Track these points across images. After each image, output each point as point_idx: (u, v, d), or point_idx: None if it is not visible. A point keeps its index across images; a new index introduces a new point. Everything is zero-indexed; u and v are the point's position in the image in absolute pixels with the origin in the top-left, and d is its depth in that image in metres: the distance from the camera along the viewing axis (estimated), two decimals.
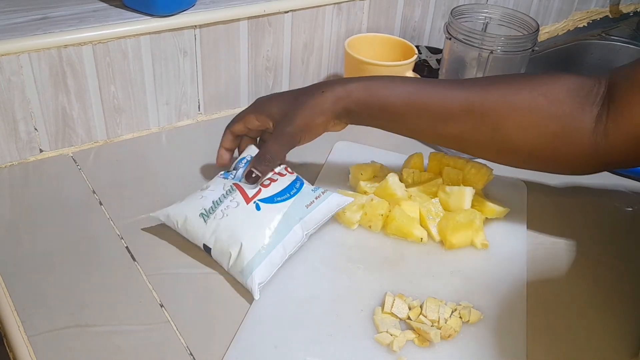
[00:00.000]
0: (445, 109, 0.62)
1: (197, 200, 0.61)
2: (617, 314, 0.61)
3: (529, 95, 0.60)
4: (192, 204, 0.61)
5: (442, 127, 0.63)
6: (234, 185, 0.62)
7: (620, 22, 1.40)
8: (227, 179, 0.65)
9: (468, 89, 0.62)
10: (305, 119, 0.64)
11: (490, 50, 0.74)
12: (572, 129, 0.59)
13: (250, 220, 0.59)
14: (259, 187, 0.62)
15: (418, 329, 0.55)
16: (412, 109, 0.62)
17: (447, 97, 0.62)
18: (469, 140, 0.63)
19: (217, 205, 0.60)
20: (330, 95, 0.63)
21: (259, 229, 0.59)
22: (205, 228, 0.59)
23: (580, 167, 0.63)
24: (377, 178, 0.72)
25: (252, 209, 0.60)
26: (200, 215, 0.60)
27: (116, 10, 0.75)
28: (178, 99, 0.82)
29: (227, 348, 0.53)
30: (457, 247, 0.66)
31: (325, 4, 0.87)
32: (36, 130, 0.73)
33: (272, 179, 0.63)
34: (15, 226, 0.65)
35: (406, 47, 0.87)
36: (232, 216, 0.59)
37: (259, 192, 0.61)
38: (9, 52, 0.67)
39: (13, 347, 0.52)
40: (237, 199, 0.60)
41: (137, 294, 0.58)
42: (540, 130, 0.60)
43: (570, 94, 0.59)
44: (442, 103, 0.62)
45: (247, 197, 0.60)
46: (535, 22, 0.77)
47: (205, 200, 0.61)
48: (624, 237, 0.71)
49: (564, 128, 0.59)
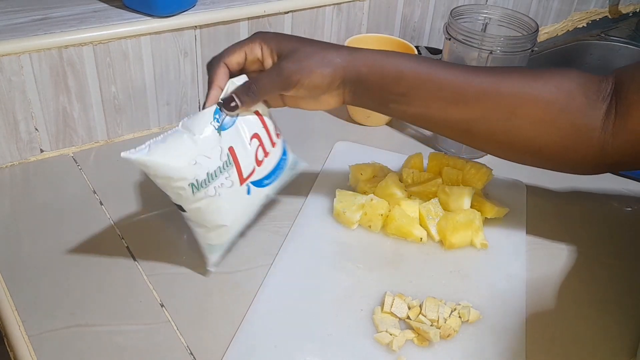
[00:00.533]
0: (459, 91, 0.59)
1: (187, 162, 0.54)
2: (616, 314, 0.61)
3: (543, 86, 0.59)
4: (180, 164, 0.53)
5: (453, 110, 0.60)
6: (229, 152, 0.56)
7: (620, 22, 1.41)
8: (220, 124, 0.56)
9: (484, 75, 0.60)
10: (312, 63, 0.57)
11: (489, 51, 0.74)
12: (582, 125, 0.58)
13: (239, 204, 0.58)
14: (253, 165, 0.58)
15: (417, 329, 0.55)
16: (426, 84, 0.59)
17: (463, 78, 0.59)
18: (478, 129, 0.61)
19: (211, 180, 0.55)
20: (346, 52, 0.59)
21: (242, 215, 0.60)
22: (192, 197, 0.55)
23: (587, 166, 0.62)
24: (377, 178, 0.72)
25: (243, 192, 0.58)
26: (190, 185, 0.54)
27: (117, 10, 0.76)
28: (178, 100, 0.82)
29: (227, 348, 0.53)
30: (456, 247, 0.66)
31: (325, 4, 0.88)
32: (37, 130, 0.73)
33: (266, 152, 0.59)
34: (15, 226, 0.65)
35: (406, 48, 0.87)
36: (224, 197, 0.56)
37: (253, 171, 0.58)
38: (10, 53, 0.67)
39: (13, 346, 0.53)
40: (233, 177, 0.56)
41: (137, 294, 0.58)
42: (553, 124, 0.59)
43: (580, 88, 0.59)
44: (456, 83, 0.59)
45: (241, 176, 0.57)
46: (535, 23, 0.77)
47: (199, 169, 0.54)
48: (623, 237, 0.71)
49: (575, 124, 0.58)
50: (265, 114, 0.61)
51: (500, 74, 0.60)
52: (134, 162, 0.52)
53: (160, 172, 0.53)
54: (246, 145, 0.58)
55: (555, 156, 0.61)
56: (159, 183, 0.55)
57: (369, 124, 0.88)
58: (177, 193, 0.55)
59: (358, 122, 0.89)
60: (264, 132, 0.60)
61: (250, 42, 0.59)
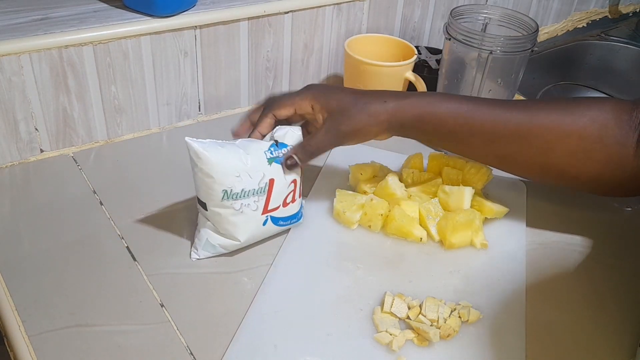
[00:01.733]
0: (496, 130, 0.63)
1: (232, 171, 0.59)
2: (616, 314, 0.61)
3: (578, 120, 0.61)
4: (227, 172, 0.59)
5: (491, 148, 0.64)
6: (269, 182, 0.61)
7: (620, 22, 1.41)
8: (272, 156, 0.62)
9: (518, 111, 0.63)
10: (362, 123, 0.63)
11: (489, 51, 0.74)
12: (615, 155, 0.60)
13: (253, 228, 0.62)
14: (280, 203, 0.63)
15: (417, 329, 0.55)
16: (465, 128, 0.63)
17: (498, 118, 0.63)
18: (516, 161, 0.65)
19: (242, 196, 0.60)
20: (391, 106, 0.63)
21: (251, 239, 0.63)
22: (219, 202, 0.59)
23: (621, 191, 0.64)
24: (377, 178, 0.72)
25: (260, 221, 0.62)
26: (223, 192, 0.59)
27: (117, 10, 0.76)
28: (178, 100, 0.82)
29: (227, 348, 0.53)
30: (456, 247, 0.66)
31: (325, 4, 0.88)
32: (37, 130, 0.73)
33: (294, 199, 0.64)
34: (15, 226, 0.65)
35: (406, 48, 0.87)
36: (245, 216, 0.61)
37: (277, 208, 0.63)
38: (10, 53, 0.67)
39: (13, 346, 0.53)
40: (259, 204, 0.61)
41: (137, 294, 0.58)
42: (588, 155, 0.61)
43: (614, 119, 0.61)
44: (493, 124, 0.63)
45: (267, 206, 0.62)
46: (535, 23, 0.77)
47: (238, 183, 0.59)
48: (623, 237, 0.71)
49: (610, 153, 0.60)
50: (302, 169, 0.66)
51: (535, 109, 0.63)
52: (192, 148, 0.58)
53: (206, 168, 0.58)
54: (285, 184, 0.63)
55: (590, 183, 0.64)
56: (199, 177, 0.59)
57: None
58: (208, 192, 0.59)
59: None
60: (299, 182, 0.65)
61: (300, 100, 0.65)
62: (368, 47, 0.88)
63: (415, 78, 0.83)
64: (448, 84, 0.81)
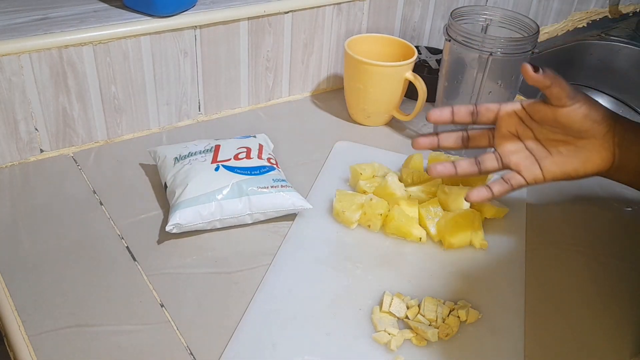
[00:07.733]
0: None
1: (181, 147, 0.71)
2: (615, 314, 0.61)
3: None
4: (175, 148, 0.71)
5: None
6: (215, 147, 0.70)
7: (620, 22, 1.41)
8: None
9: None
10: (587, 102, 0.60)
11: (490, 52, 0.74)
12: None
13: (205, 174, 0.66)
14: (231, 158, 0.68)
15: (416, 328, 0.55)
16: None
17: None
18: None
19: (189, 155, 0.68)
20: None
21: (206, 183, 0.65)
22: (172, 168, 0.68)
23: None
24: (377, 178, 0.72)
25: (212, 168, 0.67)
26: (173, 159, 0.69)
27: (117, 10, 0.76)
28: (178, 99, 0.82)
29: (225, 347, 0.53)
30: (456, 247, 0.66)
31: (325, 4, 0.88)
32: (37, 130, 0.73)
33: (248, 156, 0.69)
34: (15, 226, 0.65)
35: (406, 48, 0.88)
36: (194, 166, 0.67)
37: (228, 160, 0.68)
38: (10, 53, 0.67)
39: (13, 346, 0.53)
40: (207, 157, 0.68)
41: (137, 294, 0.58)
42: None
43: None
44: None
45: (215, 158, 0.68)
46: (536, 24, 0.77)
47: (185, 149, 0.70)
48: (623, 237, 0.71)
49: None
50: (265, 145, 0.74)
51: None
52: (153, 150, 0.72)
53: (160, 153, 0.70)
54: (233, 149, 0.70)
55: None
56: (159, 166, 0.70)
57: (369, 124, 0.88)
58: (165, 169, 0.68)
59: (358, 122, 0.89)
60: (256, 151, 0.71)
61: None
62: (368, 47, 0.88)
63: (415, 78, 0.83)
64: (448, 85, 0.81)
